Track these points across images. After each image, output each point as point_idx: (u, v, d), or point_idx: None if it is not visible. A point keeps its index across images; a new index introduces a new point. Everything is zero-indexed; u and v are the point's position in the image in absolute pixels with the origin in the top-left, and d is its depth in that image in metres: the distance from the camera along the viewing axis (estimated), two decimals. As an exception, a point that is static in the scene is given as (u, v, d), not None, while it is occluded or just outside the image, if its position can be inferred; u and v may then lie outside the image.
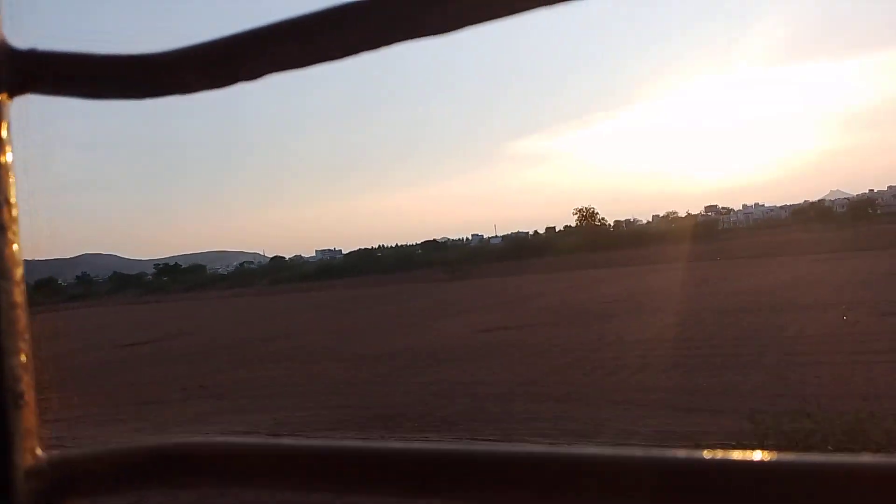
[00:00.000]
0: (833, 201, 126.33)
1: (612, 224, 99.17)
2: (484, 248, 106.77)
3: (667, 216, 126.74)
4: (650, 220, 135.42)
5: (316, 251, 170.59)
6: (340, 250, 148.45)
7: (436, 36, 0.44)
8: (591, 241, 79.73)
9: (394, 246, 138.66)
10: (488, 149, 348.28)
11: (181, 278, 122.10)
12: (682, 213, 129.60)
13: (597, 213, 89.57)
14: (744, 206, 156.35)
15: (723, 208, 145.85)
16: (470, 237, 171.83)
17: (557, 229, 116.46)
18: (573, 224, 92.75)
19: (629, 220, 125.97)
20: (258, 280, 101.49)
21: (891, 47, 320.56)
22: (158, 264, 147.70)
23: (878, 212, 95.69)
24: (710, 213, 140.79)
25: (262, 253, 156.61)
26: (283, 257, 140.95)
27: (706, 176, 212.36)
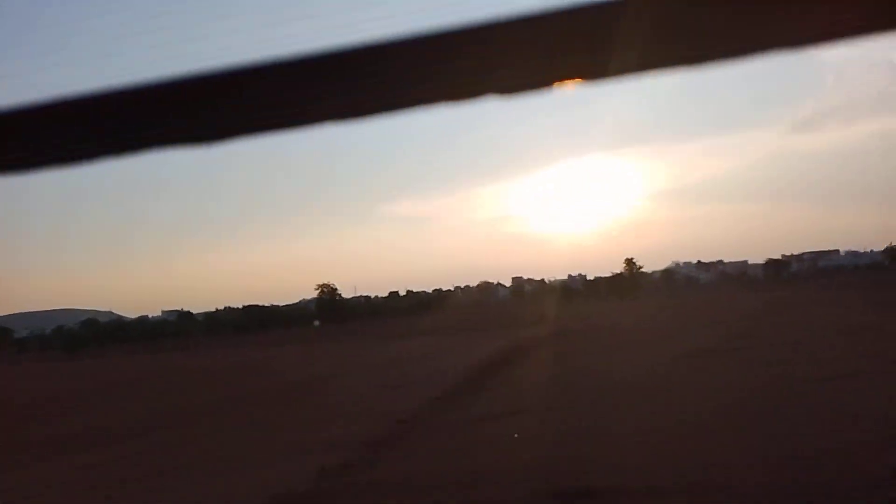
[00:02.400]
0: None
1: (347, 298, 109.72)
2: (222, 318, 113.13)
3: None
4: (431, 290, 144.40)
5: (162, 311, 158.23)
6: (189, 311, 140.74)
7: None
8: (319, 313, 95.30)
9: (213, 310, 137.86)
10: (363, 209, 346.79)
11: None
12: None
13: (336, 290, 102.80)
14: (569, 276, 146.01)
15: (527, 279, 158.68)
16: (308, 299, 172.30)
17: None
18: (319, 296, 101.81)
19: (375, 296, 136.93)
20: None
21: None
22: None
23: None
24: (515, 284, 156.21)
25: (111, 311, 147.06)
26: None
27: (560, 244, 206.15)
